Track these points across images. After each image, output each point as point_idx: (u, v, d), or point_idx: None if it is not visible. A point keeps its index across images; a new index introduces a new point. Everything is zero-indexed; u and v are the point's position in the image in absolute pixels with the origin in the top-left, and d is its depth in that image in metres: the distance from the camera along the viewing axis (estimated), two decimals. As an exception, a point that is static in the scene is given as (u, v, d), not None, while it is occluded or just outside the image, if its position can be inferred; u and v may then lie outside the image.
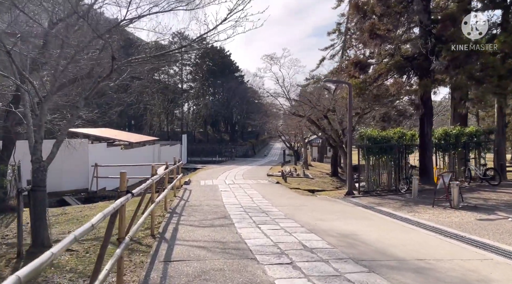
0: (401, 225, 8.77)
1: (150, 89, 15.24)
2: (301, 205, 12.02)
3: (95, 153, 19.82)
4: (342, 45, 46.53)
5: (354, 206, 11.82)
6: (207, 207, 11.17)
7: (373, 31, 14.13)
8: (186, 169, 41.71)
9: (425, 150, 16.44)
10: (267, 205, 11.72)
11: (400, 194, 14.05)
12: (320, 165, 43.89)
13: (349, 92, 14.56)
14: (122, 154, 23.74)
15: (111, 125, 42.72)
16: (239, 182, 19.69)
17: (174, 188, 14.27)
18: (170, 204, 12.33)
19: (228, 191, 15.42)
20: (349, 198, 13.80)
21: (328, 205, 12.31)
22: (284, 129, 46.22)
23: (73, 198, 17.34)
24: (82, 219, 11.45)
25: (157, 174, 8.57)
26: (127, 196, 4.51)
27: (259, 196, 13.99)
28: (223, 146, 66.90)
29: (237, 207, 11.27)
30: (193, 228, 8.23)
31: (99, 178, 18.63)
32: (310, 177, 28.71)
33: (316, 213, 10.29)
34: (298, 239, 7.11)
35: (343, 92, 17.99)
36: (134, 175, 20.59)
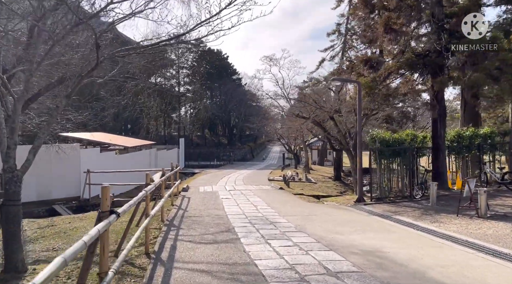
0: (428, 239, 7.75)
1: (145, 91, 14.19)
2: (310, 214, 11.00)
3: (88, 158, 18.73)
4: (342, 46, 45.68)
5: (369, 215, 10.80)
6: (208, 218, 10.12)
7: (388, 25, 13.18)
8: (184, 174, 40.60)
9: (439, 153, 15.47)
10: (274, 215, 10.69)
11: (416, 201, 13.04)
12: (321, 169, 42.92)
13: (358, 92, 13.58)
14: (117, 159, 22.64)
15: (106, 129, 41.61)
16: (240, 188, 18.65)
17: (172, 195, 13.22)
18: (167, 214, 11.29)
19: (229, 199, 14.37)
20: (361, 205, 12.78)
21: (340, 214, 11.29)
22: (283, 132, 45.22)
23: (63, 207, 16.24)
24: (70, 232, 10.39)
25: (153, 182, 7.54)
26: (110, 219, 3.46)
27: (263, 204, 12.96)
28: (221, 149, 65.83)
29: (241, 217, 10.22)
30: (194, 245, 7.18)
31: (92, 185, 17.52)
32: (312, 181, 27.73)
33: (329, 224, 9.26)
34: (317, 259, 6.08)
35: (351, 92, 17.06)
36: (130, 181, 19.53)
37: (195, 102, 74.16)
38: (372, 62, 14.30)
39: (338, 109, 16.68)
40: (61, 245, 8.83)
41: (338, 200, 16.40)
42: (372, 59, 14.53)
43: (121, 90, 15.09)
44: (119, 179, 20.47)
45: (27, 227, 11.69)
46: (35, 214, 15.06)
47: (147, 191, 6.06)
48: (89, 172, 17.42)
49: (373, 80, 14.31)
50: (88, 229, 11.26)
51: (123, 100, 14.48)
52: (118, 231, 8.87)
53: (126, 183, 19.89)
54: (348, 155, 16.88)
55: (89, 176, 17.42)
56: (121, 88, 16.10)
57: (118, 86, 15.51)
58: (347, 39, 45.30)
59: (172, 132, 76.28)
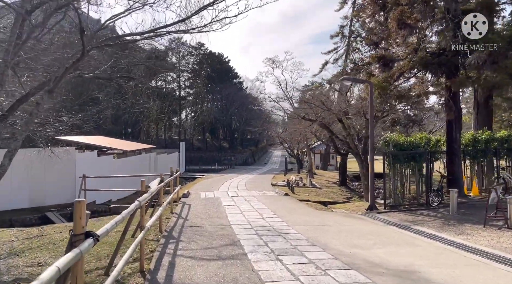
0: (460, 255, 6.88)
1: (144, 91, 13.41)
2: (321, 223, 10.12)
3: (84, 163, 17.89)
4: (346, 48, 44.99)
5: (386, 225, 9.92)
6: (211, 228, 9.26)
7: (401, 20, 12.35)
8: (184, 178, 39.71)
9: (454, 157, 14.60)
10: (282, 225, 9.83)
11: (433, 209, 12.16)
12: (324, 173, 42.01)
13: (370, 92, 12.76)
14: (115, 163, 21.80)
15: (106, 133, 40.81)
16: (243, 194, 17.78)
17: (171, 202, 12.37)
18: (166, 222, 10.44)
19: (232, 206, 13.50)
20: (374, 213, 11.91)
21: (353, 223, 10.41)
22: (286, 136, 44.40)
23: (57, 214, 15.38)
24: (60, 243, 9.52)
25: (149, 190, 6.69)
26: (84, 246, 2.60)
27: (269, 212, 12.09)
28: (222, 153, 64.99)
29: (246, 227, 9.36)
30: (195, 262, 6.32)
31: (88, 190, 16.67)
32: (317, 187, 26.84)
33: (345, 236, 8.40)
34: (339, 281, 5.21)
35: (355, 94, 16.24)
36: (129, 185, 18.68)
37: (196, 106, 73.53)
38: (385, 60, 13.46)
39: (346, 111, 15.84)
40: (48, 259, 7.97)
41: (347, 207, 15.53)
42: (386, 57, 13.67)
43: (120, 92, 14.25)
44: (118, 184, 19.65)
45: (14, 237, 10.84)
46: (27, 221, 14.22)
47: (141, 202, 5.21)
48: (85, 177, 16.57)
49: (385, 80, 13.48)
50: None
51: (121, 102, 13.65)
52: (112, 242, 8.04)
53: (124, 188, 19.06)
54: (357, 159, 16.03)
55: (85, 181, 16.57)
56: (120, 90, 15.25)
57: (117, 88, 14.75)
58: (350, 41, 44.61)
59: (173, 136, 75.55)
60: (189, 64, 74.86)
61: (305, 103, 19.54)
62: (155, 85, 64.49)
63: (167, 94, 68.50)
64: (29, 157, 14.41)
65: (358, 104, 16.16)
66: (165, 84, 72.70)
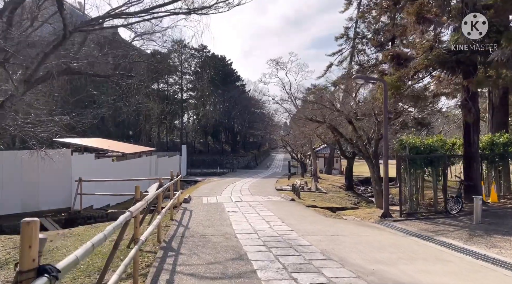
0: (501, 273, 6.02)
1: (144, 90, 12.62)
2: (335, 233, 9.27)
3: (80, 166, 17.08)
4: (350, 50, 44.23)
5: (406, 236, 9.05)
6: (214, 238, 8.42)
7: (420, 14, 11.54)
8: (186, 182, 38.88)
9: (472, 161, 13.74)
10: (291, 234, 8.98)
11: (453, 217, 11.28)
12: (329, 177, 41.12)
13: (384, 92, 11.92)
14: (114, 166, 20.98)
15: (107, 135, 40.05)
16: (247, 199, 16.93)
17: (171, 209, 11.55)
18: (166, 230, 9.61)
19: (237, 212, 12.66)
20: (389, 222, 11.04)
21: (370, 233, 9.54)
22: (290, 139, 43.59)
23: (51, 220, 14.55)
24: (48, 254, 8.72)
25: (145, 196, 5.86)
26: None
27: (276, 219, 11.24)
28: (224, 157, 64.10)
29: (253, 237, 8.51)
30: (197, 281, 5.48)
31: (84, 195, 15.86)
32: (323, 191, 25.97)
33: (363, 248, 7.54)
34: (369, 308, 4.36)
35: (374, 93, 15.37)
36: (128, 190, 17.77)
37: (198, 109, 72.80)
38: (399, 58, 12.64)
39: (357, 112, 15.01)
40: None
41: (358, 214, 14.67)
42: (400, 55, 12.86)
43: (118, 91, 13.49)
44: (116, 188, 18.83)
45: (0, 247, 10.04)
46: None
47: (132, 212, 4.38)
48: (81, 180, 15.76)
49: (398, 80, 12.66)
50: (71, 249, 9.58)
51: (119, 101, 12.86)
52: (106, 253, 7.21)
53: (123, 192, 18.17)
54: (368, 163, 15.18)
55: (81, 185, 15.76)
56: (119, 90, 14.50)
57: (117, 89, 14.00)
58: (355, 43, 43.86)
59: (174, 139, 74.76)
60: (191, 67, 74.18)
61: (313, 104, 18.67)
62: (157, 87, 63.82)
63: (169, 97, 67.83)
64: (22, 159, 13.64)
65: (368, 105, 15.32)
66: (167, 86, 71.98)
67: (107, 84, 18.57)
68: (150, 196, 6.21)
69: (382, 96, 12.04)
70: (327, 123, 15.83)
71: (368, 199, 28.76)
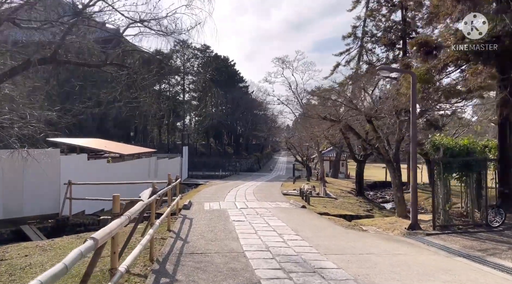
0: None
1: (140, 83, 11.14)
2: (362, 250, 7.73)
3: (71, 167, 15.59)
4: (358, 50, 42.75)
5: (450, 256, 7.49)
6: (218, 257, 6.89)
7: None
8: (187, 185, 37.40)
9: (508, 167, 12.17)
10: (311, 252, 7.45)
11: (496, 231, 9.71)
12: (336, 181, 39.54)
13: (412, 85, 10.40)
14: (109, 168, 19.47)
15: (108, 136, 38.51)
16: (253, 205, 15.41)
17: (169, 218, 10.05)
18: (161, 244, 8.12)
19: (243, 221, 11.13)
20: (422, 236, 9.50)
21: (404, 251, 7.99)
22: (295, 141, 42.04)
23: (34, 227, 13.04)
24: (19, 273, 7.22)
25: (126, 212, 4.34)
26: None
27: (290, 231, 9.71)
28: (226, 159, 62.58)
29: (265, 257, 6.98)
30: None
31: (74, 199, 14.36)
32: (332, 197, 24.42)
33: (406, 274, 6.00)
34: None
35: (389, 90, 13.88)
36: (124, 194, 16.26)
37: (200, 110, 71.42)
38: (429, 47, 11.11)
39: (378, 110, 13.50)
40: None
41: (378, 224, 13.13)
42: (430, 42, 11.29)
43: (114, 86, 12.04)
44: (111, 191, 17.33)
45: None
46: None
47: (98, 240, 2.84)
48: (70, 183, 14.27)
49: (427, 72, 11.14)
50: (47, 267, 8.06)
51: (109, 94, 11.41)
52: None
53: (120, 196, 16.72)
54: (389, 167, 13.63)
55: (71, 188, 14.27)
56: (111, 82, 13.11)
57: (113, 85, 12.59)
58: (363, 42, 42.37)
59: (176, 141, 73.28)
60: (194, 67, 72.90)
61: (325, 103, 17.10)
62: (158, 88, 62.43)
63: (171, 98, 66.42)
64: (2, 159, 12.18)
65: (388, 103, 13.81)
66: (169, 87, 70.64)
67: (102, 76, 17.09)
68: (135, 209, 4.70)
69: (410, 91, 10.51)
70: (343, 123, 14.31)
71: (380, 205, 27.20)
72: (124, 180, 18.75)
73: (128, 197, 16.05)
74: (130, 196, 15.40)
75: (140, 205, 4.94)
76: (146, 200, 6.40)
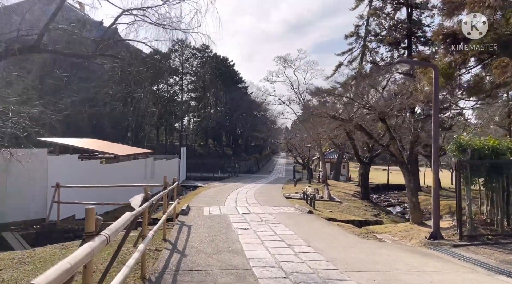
0: None
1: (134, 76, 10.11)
2: (388, 267, 6.69)
3: (59, 169, 14.50)
4: (361, 49, 41.78)
5: (491, 275, 6.45)
6: (222, 277, 5.84)
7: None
8: (185, 187, 36.26)
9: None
10: (328, 267, 6.43)
11: (532, 242, 8.71)
12: (338, 184, 38.51)
13: (435, 80, 9.40)
14: (102, 169, 18.38)
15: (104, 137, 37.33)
16: (256, 210, 14.37)
17: (164, 225, 8.99)
18: (155, 256, 7.09)
19: (247, 229, 10.09)
20: (449, 248, 8.48)
21: (435, 267, 6.95)
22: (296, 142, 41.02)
23: (18, 234, 11.94)
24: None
25: (102, 231, 3.30)
26: None
27: (300, 241, 8.68)
28: (225, 160, 61.43)
29: (278, 275, 5.94)
30: None
31: (62, 203, 13.29)
32: (337, 200, 23.41)
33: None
34: None
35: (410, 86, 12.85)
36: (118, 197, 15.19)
37: (199, 110, 70.36)
38: (456, 38, 10.07)
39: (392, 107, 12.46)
40: None
41: (391, 231, 12.12)
42: (457, 33, 10.25)
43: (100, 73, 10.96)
44: (104, 195, 16.30)
45: None
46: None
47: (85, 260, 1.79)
48: (58, 186, 13.20)
49: (450, 66, 10.13)
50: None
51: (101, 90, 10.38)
52: None
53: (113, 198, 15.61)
54: (403, 170, 12.60)
55: (59, 191, 13.20)
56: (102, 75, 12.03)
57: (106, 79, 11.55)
58: (366, 42, 41.41)
59: (174, 142, 72.09)
60: (193, 67, 71.82)
61: (348, 98, 15.92)
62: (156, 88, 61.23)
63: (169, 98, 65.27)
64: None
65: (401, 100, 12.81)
66: (167, 87, 69.49)
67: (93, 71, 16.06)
68: (117, 226, 3.66)
69: (429, 87, 9.50)
70: (354, 122, 13.27)
71: (386, 209, 26.20)
72: (119, 182, 17.65)
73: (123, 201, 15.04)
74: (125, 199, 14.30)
75: (125, 220, 3.89)
76: (136, 210, 5.35)
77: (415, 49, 32.21)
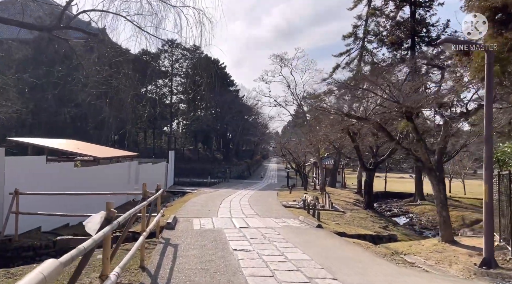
0: None
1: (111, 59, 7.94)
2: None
3: (21, 172, 12.14)
4: (359, 50, 40.18)
5: None
6: None
7: None
8: (173, 193, 33.88)
9: None
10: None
11: None
12: (335, 191, 36.53)
13: (488, 66, 7.49)
14: (75, 173, 15.97)
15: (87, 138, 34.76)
16: (255, 223, 12.24)
17: (142, 247, 6.81)
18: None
19: (249, 252, 7.94)
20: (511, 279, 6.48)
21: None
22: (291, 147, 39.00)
23: (-40, 253, 9.57)
24: None
25: None
26: None
27: (321, 271, 6.59)
28: (216, 165, 59.17)
29: None
30: None
31: (22, 214, 10.95)
32: (340, 210, 21.39)
33: None
34: None
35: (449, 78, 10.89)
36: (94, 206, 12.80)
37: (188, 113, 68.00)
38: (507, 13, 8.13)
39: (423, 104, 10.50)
40: None
41: (420, 252, 10.12)
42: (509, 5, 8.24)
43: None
44: (76, 203, 13.98)
45: None
46: None
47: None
48: (17, 193, 10.87)
49: (502, 50, 8.21)
50: None
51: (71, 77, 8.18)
52: None
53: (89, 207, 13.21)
54: (431, 178, 10.63)
55: (18, 199, 10.87)
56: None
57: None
58: (365, 43, 39.83)
59: (162, 145, 69.46)
60: (183, 68, 69.50)
61: (366, 90, 13.88)
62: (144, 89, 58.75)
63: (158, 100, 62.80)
64: None
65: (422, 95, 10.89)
66: (156, 88, 66.97)
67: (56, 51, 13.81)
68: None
69: (485, 73, 7.55)
70: (373, 121, 11.29)
71: (391, 219, 24.26)
72: (97, 188, 15.36)
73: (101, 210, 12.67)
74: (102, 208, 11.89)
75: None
76: (91, 237, 3.20)
77: (419, 49, 30.64)
